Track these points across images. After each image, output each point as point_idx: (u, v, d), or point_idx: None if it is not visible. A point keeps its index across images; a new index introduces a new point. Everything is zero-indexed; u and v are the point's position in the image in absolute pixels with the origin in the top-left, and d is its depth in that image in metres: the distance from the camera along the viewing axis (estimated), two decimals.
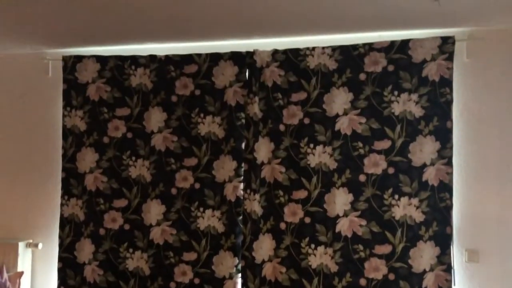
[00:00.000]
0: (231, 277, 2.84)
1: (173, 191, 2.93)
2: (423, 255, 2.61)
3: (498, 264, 2.65)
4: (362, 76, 2.75)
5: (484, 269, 2.66)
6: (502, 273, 2.64)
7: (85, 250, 3.01)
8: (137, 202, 2.97)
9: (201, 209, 2.89)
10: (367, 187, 2.70)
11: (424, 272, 2.62)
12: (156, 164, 2.96)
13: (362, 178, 2.72)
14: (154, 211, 2.94)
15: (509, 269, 2.63)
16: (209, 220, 2.88)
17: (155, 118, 2.97)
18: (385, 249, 2.66)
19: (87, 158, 3.05)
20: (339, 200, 2.72)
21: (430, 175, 2.63)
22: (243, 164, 2.87)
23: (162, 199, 2.94)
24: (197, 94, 2.94)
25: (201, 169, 2.90)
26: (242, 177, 2.86)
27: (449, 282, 2.60)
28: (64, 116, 3.11)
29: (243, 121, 2.88)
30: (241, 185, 2.86)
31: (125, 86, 3.03)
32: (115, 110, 3.03)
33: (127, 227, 2.97)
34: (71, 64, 3.11)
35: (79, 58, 3.10)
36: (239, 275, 2.84)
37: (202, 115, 2.92)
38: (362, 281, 2.68)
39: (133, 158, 2.99)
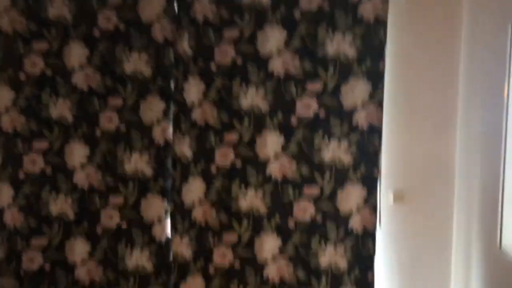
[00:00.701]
0: (159, 220, 2.78)
1: (98, 132, 2.77)
2: (351, 197, 2.65)
3: (422, 205, 2.76)
4: (297, 14, 2.63)
5: (408, 210, 2.76)
6: (425, 214, 2.76)
7: (4, 194, 2.82)
8: (59, 144, 2.79)
9: (128, 152, 2.76)
10: (298, 129, 2.66)
11: (351, 213, 2.66)
12: (78, 104, 2.76)
13: (293, 120, 2.66)
14: (77, 153, 2.77)
15: (430, 211, 2.76)
16: (137, 163, 2.76)
17: (76, 53, 2.73)
18: (314, 191, 2.66)
19: (2, 96, 2.79)
20: (270, 143, 2.67)
21: (360, 118, 2.62)
22: (172, 105, 2.74)
23: (86, 141, 2.78)
24: (122, 29, 2.72)
25: (127, 109, 2.75)
26: (171, 119, 2.74)
27: (374, 223, 2.66)
28: None
29: (172, 59, 2.71)
30: (170, 127, 2.74)
31: (42, 17, 2.76)
32: (32, 44, 2.77)
33: (48, 170, 2.81)
34: None
35: None
36: (168, 218, 2.79)
37: (127, 51, 2.72)
38: (291, 223, 2.69)
39: (53, 96, 2.78)
